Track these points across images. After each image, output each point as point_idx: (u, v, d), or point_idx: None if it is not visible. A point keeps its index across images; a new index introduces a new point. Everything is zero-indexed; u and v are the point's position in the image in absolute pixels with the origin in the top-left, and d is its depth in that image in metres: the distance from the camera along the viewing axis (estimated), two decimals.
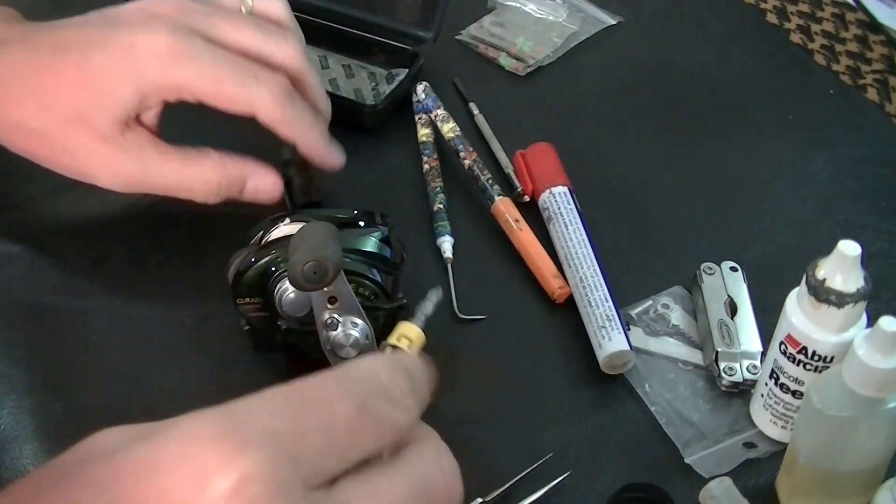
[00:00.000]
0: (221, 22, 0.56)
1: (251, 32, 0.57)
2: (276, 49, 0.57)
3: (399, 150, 0.69)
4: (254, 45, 0.56)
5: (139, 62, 0.53)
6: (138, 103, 0.54)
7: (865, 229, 0.65)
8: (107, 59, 0.54)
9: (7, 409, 0.54)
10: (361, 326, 0.48)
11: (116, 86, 0.54)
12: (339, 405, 0.34)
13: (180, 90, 0.54)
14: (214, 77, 0.54)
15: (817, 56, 0.80)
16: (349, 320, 0.48)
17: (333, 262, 0.45)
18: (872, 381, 0.45)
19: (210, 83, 0.54)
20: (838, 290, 0.47)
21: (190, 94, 0.54)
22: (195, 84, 0.54)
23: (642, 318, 0.59)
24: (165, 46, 0.53)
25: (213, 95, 0.54)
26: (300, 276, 0.45)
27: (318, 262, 0.45)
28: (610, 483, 0.51)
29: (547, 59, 0.78)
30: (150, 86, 0.54)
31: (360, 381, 0.35)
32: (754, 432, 0.54)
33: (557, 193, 0.64)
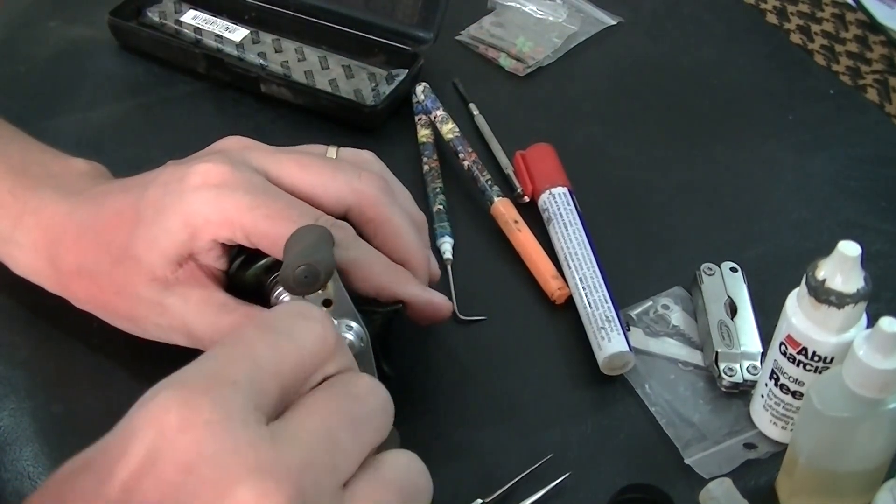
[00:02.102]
0: (287, 160, 0.51)
1: (319, 170, 0.51)
2: (346, 187, 0.51)
3: (399, 151, 0.69)
4: (320, 184, 0.51)
5: (188, 193, 0.49)
6: (188, 238, 0.49)
7: (865, 230, 0.65)
8: (159, 191, 0.50)
9: (7, 411, 0.54)
10: (356, 329, 0.48)
11: (166, 218, 0.49)
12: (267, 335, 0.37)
13: (232, 226, 0.48)
14: (268, 214, 0.48)
15: (817, 56, 0.80)
16: (344, 323, 0.48)
17: (325, 266, 0.45)
18: (873, 382, 0.45)
19: (263, 220, 0.48)
20: (838, 290, 0.47)
21: (242, 232, 0.48)
22: (247, 220, 0.48)
23: (642, 318, 0.59)
24: (218, 176, 0.49)
25: (268, 237, 0.48)
26: (291, 281, 0.45)
27: (310, 266, 0.44)
28: (610, 484, 0.51)
29: (547, 60, 0.78)
30: (199, 218, 0.48)
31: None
32: (754, 433, 0.54)
33: (557, 194, 0.64)
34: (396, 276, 0.51)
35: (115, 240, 0.51)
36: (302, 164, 0.51)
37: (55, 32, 0.79)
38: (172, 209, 0.49)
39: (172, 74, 0.75)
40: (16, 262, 0.54)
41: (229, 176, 0.49)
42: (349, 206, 0.51)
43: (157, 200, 0.50)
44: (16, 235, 0.53)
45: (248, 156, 0.51)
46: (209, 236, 0.49)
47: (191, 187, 0.49)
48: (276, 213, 0.48)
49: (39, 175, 0.54)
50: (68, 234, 0.52)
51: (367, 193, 0.51)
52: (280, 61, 0.74)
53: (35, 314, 0.58)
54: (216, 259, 0.50)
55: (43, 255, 0.53)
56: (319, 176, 0.51)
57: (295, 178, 0.51)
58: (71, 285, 0.53)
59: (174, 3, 0.78)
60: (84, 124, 0.71)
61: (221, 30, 0.76)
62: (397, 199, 0.53)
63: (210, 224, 0.49)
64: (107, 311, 0.53)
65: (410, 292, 0.51)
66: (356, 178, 0.51)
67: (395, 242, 0.52)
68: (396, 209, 0.52)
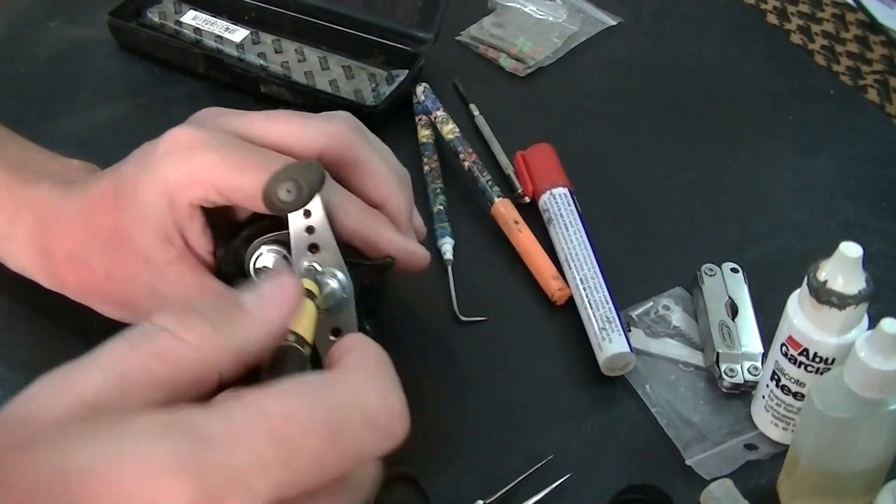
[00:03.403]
0: (256, 115, 0.51)
1: (288, 120, 0.50)
2: (316, 130, 0.49)
3: (399, 152, 0.68)
4: (290, 132, 0.49)
5: (157, 161, 0.48)
6: (168, 207, 0.48)
7: (866, 230, 0.65)
8: (133, 167, 0.50)
9: None
10: (341, 279, 0.46)
11: (143, 192, 0.49)
12: (307, 437, 0.32)
13: (203, 185, 0.47)
14: (237, 164, 0.47)
15: (817, 56, 0.79)
16: (329, 271, 0.47)
17: (309, 182, 0.43)
18: (874, 383, 0.45)
19: (232, 172, 0.47)
20: (840, 291, 0.47)
21: (214, 189, 0.47)
22: (216, 175, 0.47)
23: (643, 319, 0.59)
24: (185, 140, 0.48)
25: (240, 188, 0.47)
26: (274, 197, 0.43)
27: (294, 181, 0.43)
28: (610, 485, 0.51)
29: (547, 60, 0.78)
30: (170, 183, 0.48)
31: (341, 407, 0.34)
32: (755, 434, 0.54)
33: (558, 195, 0.64)
34: (372, 219, 0.50)
35: (101, 222, 0.50)
36: (271, 116, 0.50)
37: (55, 33, 0.79)
38: (147, 181, 0.49)
39: (172, 75, 0.75)
40: (12, 257, 0.55)
41: (195, 137, 0.48)
42: (321, 150, 0.50)
43: (132, 176, 0.50)
44: (12, 230, 0.53)
45: (218, 120, 0.51)
46: (185, 200, 0.48)
47: (159, 155, 0.48)
48: (244, 164, 0.47)
49: (35, 172, 0.54)
50: (59, 223, 0.52)
51: (337, 134, 0.50)
52: (280, 62, 0.74)
53: (34, 314, 0.57)
54: (201, 233, 0.50)
55: (36, 247, 0.53)
56: (289, 125, 0.50)
57: (264, 131, 0.49)
58: (63, 274, 0.53)
59: (174, 4, 0.78)
60: (84, 125, 0.71)
61: (221, 30, 0.76)
62: (373, 145, 0.52)
63: (182, 186, 0.48)
64: (100, 299, 0.53)
65: (384, 236, 0.50)
66: (327, 123, 0.50)
67: (371, 183, 0.51)
68: (370, 148, 0.51)
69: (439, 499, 0.51)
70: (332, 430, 0.33)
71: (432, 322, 0.60)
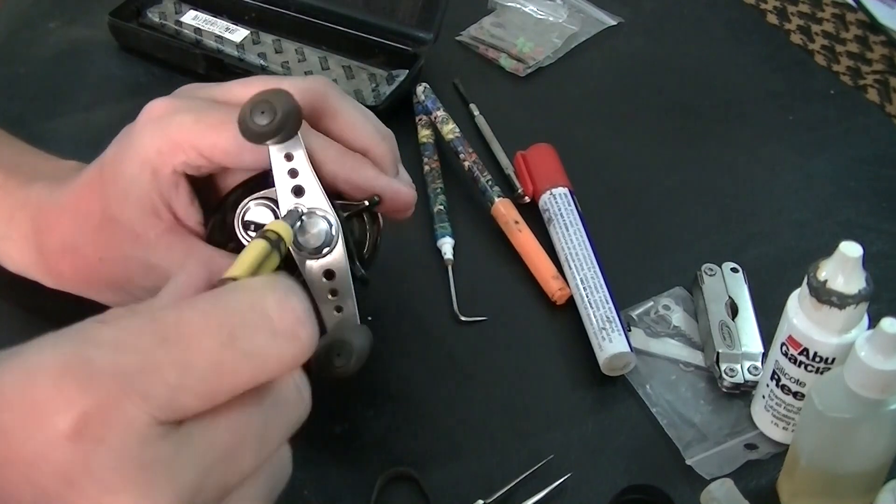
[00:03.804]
0: (231, 83, 0.51)
1: (263, 83, 0.49)
2: (290, 86, 0.48)
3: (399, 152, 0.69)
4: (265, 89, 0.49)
5: (136, 133, 0.49)
6: (151, 177, 0.48)
7: (866, 230, 0.65)
8: (114, 147, 0.50)
9: None
10: (328, 217, 0.46)
11: (125, 167, 0.49)
12: (200, 339, 0.32)
13: (183, 148, 0.48)
14: (213, 123, 0.47)
15: (818, 56, 0.79)
16: (315, 211, 0.47)
17: (282, 104, 0.43)
18: (874, 383, 0.45)
19: (209, 131, 0.47)
20: (840, 291, 0.47)
21: (195, 151, 0.48)
22: (193, 136, 0.47)
23: (643, 319, 0.59)
24: (160, 109, 0.49)
25: (219, 146, 0.47)
26: (248, 119, 0.43)
27: (266, 102, 0.43)
28: (611, 485, 0.51)
29: (547, 60, 0.78)
30: (150, 151, 0.48)
31: (235, 310, 0.33)
32: (755, 434, 0.54)
33: (558, 194, 0.64)
34: (353, 161, 0.49)
35: (89, 208, 0.51)
36: (245, 81, 0.50)
37: (55, 33, 0.79)
38: (127, 155, 0.49)
39: (172, 75, 0.75)
40: (9, 258, 0.55)
41: (171, 105, 0.49)
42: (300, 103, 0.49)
43: (113, 156, 0.50)
44: (8, 232, 0.54)
45: (194, 91, 0.51)
46: (168, 168, 0.48)
47: (137, 129, 0.49)
48: (220, 122, 0.47)
49: (30, 174, 0.55)
50: (49, 216, 0.52)
51: (313, 88, 0.49)
52: (280, 62, 0.74)
53: (34, 315, 0.57)
54: (189, 203, 0.49)
55: (32, 246, 0.53)
56: (264, 86, 0.48)
57: (239, 94, 0.49)
58: (58, 266, 0.53)
59: (174, 4, 0.78)
60: (84, 125, 0.71)
61: (222, 30, 0.76)
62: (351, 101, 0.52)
63: (163, 154, 0.48)
64: (94, 284, 0.53)
65: (367, 175, 0.49)
66: (301, 80, 0.50)
67: (351, 132, 0.50)
68: (346, 100, 0.50)
69: (439, 499, 0.51)
70: (228, 333, 0.32)
71: (432, 322, 0.60)
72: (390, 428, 0.54)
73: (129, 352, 0.31)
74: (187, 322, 0.32)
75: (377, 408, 0.55)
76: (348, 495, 0.51)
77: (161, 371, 0.31)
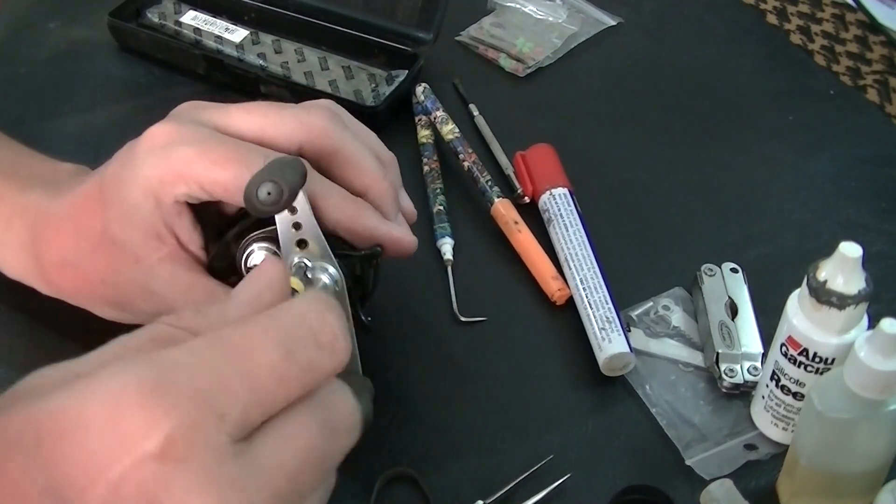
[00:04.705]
0: (234, 108, 0.50)
1: (265, 112, 0.49)
2: (293, 122, 0.49)
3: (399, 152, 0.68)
4: (269, 124, 0.49)
5: (139, 160, 0.48)
6: (155, 206, 0.48)
7: (866, 230, 0.65)
8: (115, 166, 0.50)
9: None
10: (332, 272, 0.47)
11: (127, 192, 0.48)
12: (264, 354, 0.34)
13: (185, 180, 0.47)
14: (216, 159, 0.47)
15: (817, 57, 0.79)
16: (319, 265, 0.47)
17: (288, 182, 0.43)
18: (874, 383, 0.45)
19: (212, 166, 0.47)
20: (839, 291, 0.47)
21: (197, 184, 0.47)
22: (197, 170, 0.47)
23: (643, 319, 0.59)
24: (164, 136, 0.48)
25: (220, 183, 0.47)
26: (255, 199, 0.43)
27: (273, 183, 0.43)
28: (610, 485, 0.51)
29: (547, 60, 0.78)
30: (153, 181, 0.48)
31: (287, 327, 0.35)
32: (755, 434, 0.54)
33: (557, 195, 0.64)
34: (355, 208, 0.49)
35: (89, 225, 0.50)
36: (248, 109, 0.50)
37: (55, 34, 0.79)
38: (130, 180, 0.48)
39: (172, 75, 0.75)
40: (7, 264, 0.55)
41: (174, 133, 0.48)
42: (300, 142, 0.49)
43: (115, 176, 0.49)
44: (6, 238, 0.53)
45: (196, 114, 0.50)
46: (170, 197, 0.48)
47: (140, 153, 0.48)
48: (224, 158, 0.47)
49: (28, 178, 0.55)
50: (49, 228, 0.52)
51: (315, 125, 0.49)
52: (280, 62, 0.74)
53: (33, 317, 0.57)
54: (192, 229, 0.49)
55: (30, 254, 0.53)
56: (266, 117, 0.49)
57: (242, 124, 0.49)
58: (57, 280, 0.53)
59: (174, 4, 0.78)
60: (84, 125, 0.71)
61: (221, 31, 0.76)
62: (354, 131, 0.51)
63: (165, 184, 0.48)
64: (95, 302, 0.53)
65: (369, 225, 0.49)
66: (304, 114, 0.50)
67: (352, 171, 0.50)
68: (348, 136, 0.50)
69: (439, 499, 0.51)
70: (286, 347, 0.35)
71: (432, 322, 0.60)
72: (390, 428, 0.54)
73: (204, 373, 0.33)
74: (249, 339, 0.34)
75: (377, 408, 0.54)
76: (348, 495, 0.51)
77: (233, 389, 0.33)
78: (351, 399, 0.38)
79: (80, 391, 0.32)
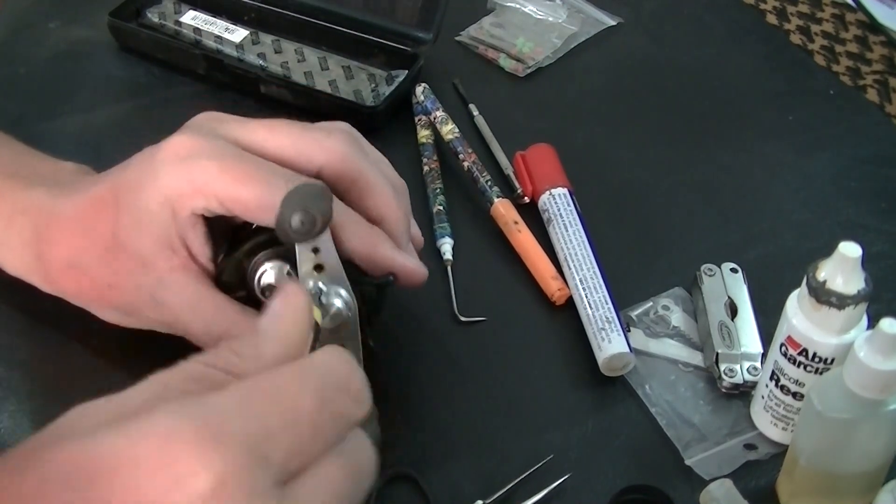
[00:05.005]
0: (256, 125, 0.51)
1: (287, 132, 0.50)
2: (315, 145, 0.50)
3: (399, 152, 0.69)
4: (290, 144, 0.50)
5: (159, 169, 0.48)
6: (171, 216, 0.48)
7: (866, 230, 0.65)
8: (133, 172, 0.50)
9: (7, 413, 0.54)
10: (345, 298, 0.47)
11: (144, 200, 0.49)
12: (304, 402, 0.35)
13: (205, 194, 0.48)
14: (238, 177, 0.47)
15: (817, 57, 0.79)
16: (334, 290, 0.47)
17: (322, 213, 0.44)
18: (873, 383, 0.45)
19: (234, 184, 0.47)
20: (839, 291, 0.47)
21: (216, 199, 0.48)
22: (218, 186, 0.47)
23: (642, 319, 0.59)
24: (186, 148, 0.48)
25: (240, 200, 0.48)
26: (288, 227, 0.44)
27: (307, 213, 0.44)
28: (610, 485, 0.51)
29: (547, 60, 0.78)
30: (172, 192, 0.48)
31: (321, 376, 0.37)
32: (755, 434, 0.54)
33: (557, 195, 0.64)
34: (371, 237, 0.50)
35: (99, 228, 0.50)
36: (271, 127, 0.50)
37: (55, 34, 0.79)
38: (148, 189, 0.49)
39: (172, 76, 0.75)
40: (8, 262, 0.55)
41: (196, 146, 0.48)
42: (321, 164, 0.50)
43: (132, 182, 0.50)
44: (7, 237, 0.53)
45: (218, 126, 0.51)
46: (187, 210, 0.48)
47: (160, 163, 0.49)
48: (245, 176, 0.47)
49: (29, 176, 0.55)
50: (54, 228, 0.52)
51: (336, 150, 0.50)
52: (280, 62, 0.74)
53: (33, 316, 0.57)
54: (203, 242, 0.50)
55: (32, 253, 0.53)
56: (288, 137, 0.50)
57: (264, 142, 0.50)
58: (61, 281, 0.53)
59: (174, 4, 0.78)
60: (84, 126, 0.71)
61: (221, 31, 0.76)
62: (372, 158, 0.52)
63: (183, 196, 0.48)
64: (99, 304, 0.53)
65: (385, 255, 0.50)
66: (326, 137, 0.51)
67: (369, 198, 0.51)
68: (368, 164, 0.51)
69: (439, 499, 0.51)
70: (321, 396, 0.36)
71: (432, 322, 0.60)
72: (390, 428, 0.54)
73: (251, 420, 0.34)
74: (290, 388, 0.36)
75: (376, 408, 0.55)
76: None
77: (277, 436, 0.34)
78: (370, 447, 0.39)
79: (131, 431, 0.33)
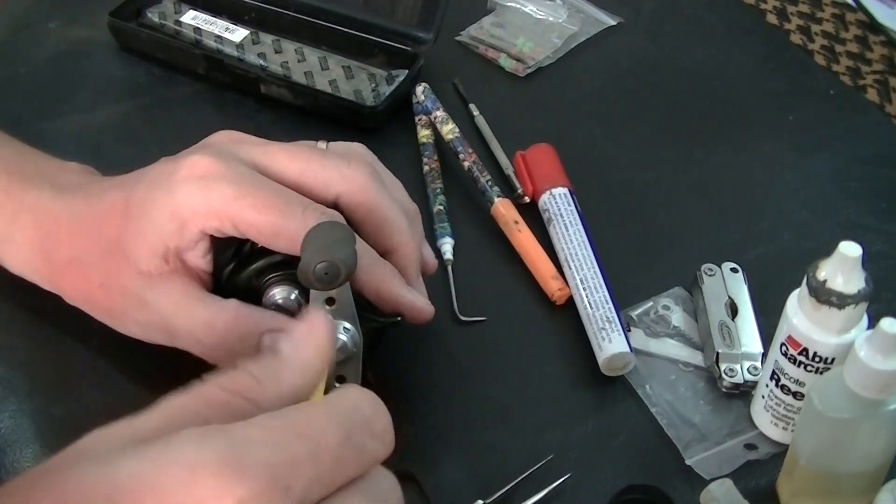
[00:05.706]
0: (276, 150, 0.51)
1: (307, 158, 0.50)
2: (335, 173, 0.50)
3: (399, 152, 0.69)
4: (309, 171, 0.50)
5: (175, 186, 0.49)
6: (176, 230, 0.49)
7: (866, 230, 0.65)
8: (149, 186, 0.50)
9: (7, 413, 0.54)
10: (353, 333, 0.47)
11: (155, 212, 0.49)
12: (328, 436, 0.35)
13: (220, 217, 0.48)
14: (255, 203, 0.47)
15: (817, 56, 0.79)
16: (342, 325, 0.48)
17: (347, 265, 0.44)
18: (873, 383, 0.45)
19: (250, 210, 0.47)
20: (839, 291, 0.47)
21: (230, 223, 0.48)
22: (234, 210, 0.48)
23: (643, 319, 0.59)
24: (205, 168, 0.48)
25: (256, 226, 0.48)
26: (311, 275, 0.44)
27: (332, 263, 0.44)
28: (610, 485, 0.51)
29: (547, 60, 0.78)
30: (186, 210, 0.48)
31: (347, 413, 0.37)
32: (755, 434, 0.54)
33: (557, 194, 0.64)
34: (384, 273, 0.50)
35: (106, 232, 0.51)
36: (290, 153, 0.51)
37: (55, 34, 0.79)
38: (161, 203, 0.49)
39: (172, 75, 0.75)
40: (11, 259, 0.55)
41: (215, 167, 0.49)
42: (339, 193, 0.50)
43: (146, 195, 0.50)
44: (11, 233, 0.54)
45: (237, 148, 0.51)
46: (197, 228, 0.49)
47: (178, 180, 0.49)
48: (263, 203, 0.48)
49: (34, 175, 0.55)
50: (62, 227, 0.52)
51: (356, 180, 0.50)
52: (280, 62, 0.74)
53: (34, 316, 0.57)
54: (202, 256, 0.50)
55: (37, 250, 0.53)
56: (308, 163, 0.50)
57: (283, 167, 0.50)
58: (62, 278, 0.53)
59: (174, 4, 0.78)
60: (84, 125, 0.71)
61: (221, 30, 0.76)
62: (387, 184, 0.53)
63: (197, 215, 0.48)
64: (92, 305, 0.53)
65: (395, 292, 0.51)
66: (345, 165, 0.51)
67: (385, 230, 0.51)
68: (386, 195, 0.52)
69: (439, 499, 0.51)
70: (345, 431, 0.36)
71: (432, 322, 0.59)
72: None
73: (275, 450, 0.34)
74: (315, 422, 0.36)
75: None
76: None
77: (299, 466, 0.34)
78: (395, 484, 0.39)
79: (154, 457, 0.33)
